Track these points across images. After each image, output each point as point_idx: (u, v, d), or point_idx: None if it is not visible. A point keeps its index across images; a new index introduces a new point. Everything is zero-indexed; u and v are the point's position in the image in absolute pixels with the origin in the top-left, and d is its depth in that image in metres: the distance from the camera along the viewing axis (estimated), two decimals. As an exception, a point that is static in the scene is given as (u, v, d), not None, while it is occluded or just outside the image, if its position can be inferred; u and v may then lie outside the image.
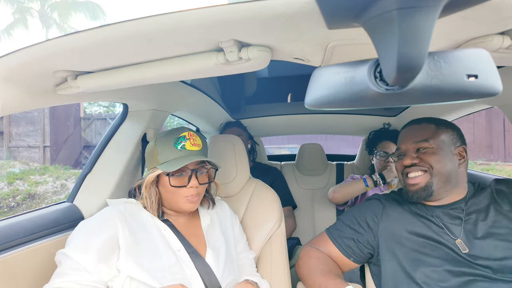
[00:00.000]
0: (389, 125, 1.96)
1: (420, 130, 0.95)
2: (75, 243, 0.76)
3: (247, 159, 1.24)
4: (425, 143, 0.92)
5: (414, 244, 0.88)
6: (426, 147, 0.92)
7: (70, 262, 0.74)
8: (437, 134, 0.92)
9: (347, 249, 0.98)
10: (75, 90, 0.73)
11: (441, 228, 0.89)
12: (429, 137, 0.92)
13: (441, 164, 0.90)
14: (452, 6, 0.32)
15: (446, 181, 0.90)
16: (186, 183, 0.87)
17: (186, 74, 0.68)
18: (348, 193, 1.69)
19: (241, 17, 0.47)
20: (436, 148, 0.91)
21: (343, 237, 1.00)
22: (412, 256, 0.87)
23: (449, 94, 0.35)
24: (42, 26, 13.88)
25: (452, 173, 0.90)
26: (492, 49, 0.54)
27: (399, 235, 0.92)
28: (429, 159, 0.91)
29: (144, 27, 0.50)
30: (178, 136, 0.88)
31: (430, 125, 0.95)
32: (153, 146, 0.89)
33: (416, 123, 0.98)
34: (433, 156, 0.91)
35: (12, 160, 8.49)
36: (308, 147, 2.21)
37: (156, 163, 0.87)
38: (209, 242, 0.93)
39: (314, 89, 0.40)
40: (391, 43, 0.31)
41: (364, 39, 0.52)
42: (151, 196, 0.88)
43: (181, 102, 1.42)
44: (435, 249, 0.86)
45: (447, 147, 0.91)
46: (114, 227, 0.80)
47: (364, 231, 0.98)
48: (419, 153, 0.93)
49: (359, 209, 1.04)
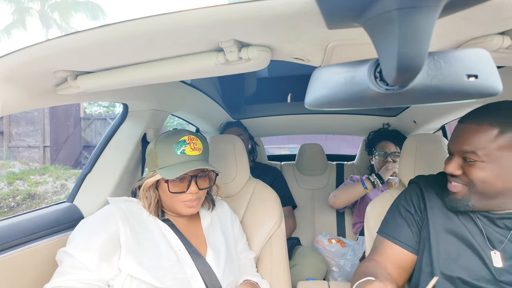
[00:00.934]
0: (389, 125, 1.97)
1: (475, 135, 0.73)
2: (77, 241, 0.76)
3: (247, 159, 1.24)
4: (472, 155, 0.73)
5: (448, 244, 0.80)
6: (473, 160, 0.73)
7: (71, 260, 0.73)
8: (495, 144, 0.70)
9: (406, 241, 0.88)
10: (75, 90, 0.73)
11: (480, 232, 0.77)
12: (481, 148, 0.72)
13: (486, 185, 0.73)
14: (452, 6, 0.32)
15: (489, 198, 0.75)
16: (185, 188, 0.85)
17: (186, 74, 0.68)
18: (348, 197, 1.70)
19: (241, 17, 0.46)
20: (486, 163, 0.72)
21: (400, 231, 0.89)
22: (443, 256, 0.80)
23: (449, 94, 0.35)
24: (42, 26, 13.88)
25: (505, 192, 0.73)
26: (492, 49, 0.54)
27: (436, 230, 0.83)
28: (472, 174, 0.74)
29: (144, 27, 0.50)
30: (178, 140, 0.85)
31: (493, 129, 0.71)
32: (153, 148, 0.87)
33: (475, 122, 0.74)
34: (479, 172, 0.73)
35: (12, 160, 8.49)
36: (308, 147, 2.21)
37: (156, 167, 0.86)
38: (209, 242, 0.93)
39: (314, 89, 0.40)
40: (391, 43, 0.31)
41: (364, 39, 0.52)
42: (150, 199, 0.88)
43: (181, 102, 1.42)
44: (466, 254, 0.77)
45: (508, 159, 0.70)
46: (115, 225, 0.79)
47: (412, 216, 0.89)
48: (465, 163, 0.76)
49: (399, 200, 0.94)
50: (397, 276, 0.88)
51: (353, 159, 2.35)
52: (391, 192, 1.11)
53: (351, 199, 1.70)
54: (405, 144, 1.20)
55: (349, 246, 1.65)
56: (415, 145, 1.16)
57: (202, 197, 0.91)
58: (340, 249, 1.64)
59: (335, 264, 1.62)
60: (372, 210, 1.10)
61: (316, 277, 1.53)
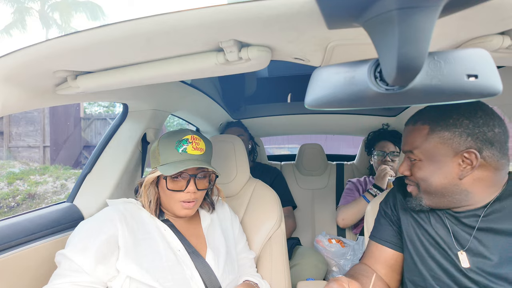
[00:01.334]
0: (388, 125, 1.97)
1: (411, 135, 0.78)
2: (74, 244, 0.76)
3: (247, 159, 1.24)
4: (411, 155, 0.78)
5: (417, 245, 0.82)
6: (413, 159, 0.77)
7: (69, 263, 0.74)
8: (428, 141, 0.73)
9: (389, 239, 0.89)
10: (75, 90, 0.73)
11: (448, 232, 0.78)
12: (416, 147, 0.76)
13: (426, 183, 0.76)
14: (452, 6, 0.32)
15: (437, 196, 0.76)
16: (184, 187, 0.85)
17: (186, 74, 0.68)
18: (355, 215, 1.69)
19: (241, 17, 0.46)
20: (423, 162, 0.75)
21: (382, 230, 0.91)
22: (420, 252, 0.81)
23: (449, 94, 0.35)
24: (42, 26, 13.89)
25: (449, 187, 0.73)
26: (492, 49, 0.54)
27: (408, 232, 0.85)
28: (415, 174, 0.78)
29: (143, 27, 0.50)
30: (181, 139, 0.86)
31: (424, 127, 0.75)
32: (156, 145, 0.88)
33: (412, 122, 0.79)
34: (419, 171, 0.77)
35: (12, 160, 8.49)
36: (308, 147, 2.21)
37: (157, 164, 0.86)
38: (209, 242, 0.93)
39: (314, 89, 0.40)
40: (391, 43, 0.31)
41: (364, 39, 0.52)
42: (149, 196, 0.88)
43: (181, 102, 1.42)
44: (435, 256, 0.79)
45: (442, 156, 0.72)
46: (114, 227, 0.79)
47: (390, 217, 0.91)
48: (411, 162, 0.80)
49: (381, 203, 0.97)
50: (388, 278, 0.89)
51: (353, 159, 2.35)
52: (391, 192, 1.11)
53: (358, 216, 1.69)
54: (405, 144, 1.20)
55: (349, 246, 1.65)
56: None
57: (199, 198, 0.90)
58: (340, 249, 1.64)
59: (335, 264, 1.63)
60: (371, 210, 1.10)
61: (316, 277, 1.53)
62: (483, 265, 0.72)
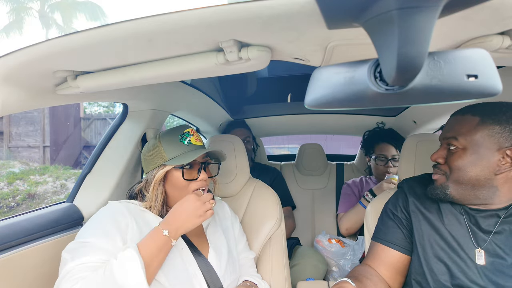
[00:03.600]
0: (383, 124, 1.95)
1: (458, 123, 0.79)
2: (90, 230, 0.77)
3: (247, 159, 1.24)
4: (454, 141, 0.78)
5: (432, 245, 0.82)
6: (455, 146, 0.78)
7: (89, 246, 0.73)
8: (475, 131, 0.74)
9: (396, 242, 0.88)
10: (75, 90, 0.73)
11: (465, 231, 0.78)
12: (461, 134, 0.76)
13: (461, 172, 0.76)
14: (452, 6, 0.32)
15: (466, 188, 0.77)
16: (196, 176, 0.89)
17: (186, 74, 0.68)
18: (358, 223, 1.67)
19: (241, 17, 0.46)
20: (465, 151, 0.76)
21: (390, 233, 0.90)
22: (430, 259, 0.81)
23: (449, 94, 0.35)
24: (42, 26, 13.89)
25: (482, 180, 0.74)
26: (492, 49, 0.54)
27: (420, 232, 0.84)
28: (452, 162, 0.78)
29: (144, 27, 0.50)
30: (183, 132, 0.90)
31: (474, 118, 0.76)
32: (157, 144, 0.89)
33: (460, 113, 0.80)
34: (458, 159, 0.77)
35: (12, 160, 8.49)
36: (308, 147, 2.21)
37: (163, 160, 0.87)
38: (211, 242, 0.93)
39: (314, 89, 0.40)
40: (391, 43, 0.31)
41: (364, 39, 0.52)
42: (157, 195, 0.88)
43: (181, 102, 1.42)
44: (451, 255, 0.78)
45: (485, 148, 0.73)
46: (124, 217, 0.81)
47: (400, 219, 0.90)
48: (448, 152, 0.80)
49: (387, 205, 0.96)
50: (392, 280, 0.88)
51: (353, 159, 2.35)
52: (390, 192, 1.11)
53: (361, 223, 1.66)
54: (405, 144, 1.20)
55: (349, 246, 1.65)
56: (415, 145, 1.16)
57: (207, 187, 0.94)
58: (340, 249, 1.64)
59: (335, 264, 1.62)
60: (372, 210, 1.10)
61: (316, 277, 1.53)
62: (498, 264, 0.73)
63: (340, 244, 1.68)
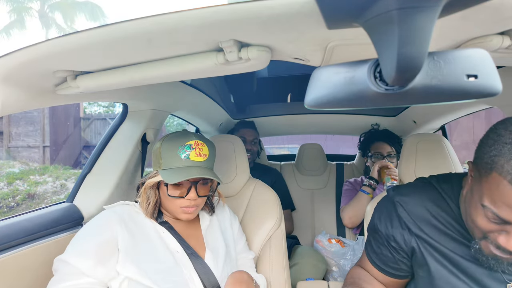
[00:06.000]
0: (378, 125, 1.97)
1: None
2: (72, 248, 0.77)
3: (247, 159, 1.24)
4: None
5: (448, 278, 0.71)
6: None
7: (68, 267, 0.73)
8: None
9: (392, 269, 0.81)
10: (74, 90, 0.73)
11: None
12: None
13: None
14: (452, 6, 0.32)
15: None
16: (185, 194, 0.84)
17: (186, 74, 0.68)
18: (361, 210, 1.64)
19: (241, 17, 0.46)
20: None
21: (381, 259, 0.82)
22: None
23: (449, 94, 0.35)
24: (42, 26, 13.89)
25: None
26: (492, 49, 0.54)
27: (434, 263, 0.72)
28: None
29: (143, 27, 0.50)
30: (184, 144, 0.83)
31: None
32: (159, 148, 0.86)
33: None
34: None
35: (12, 160, 8.49)
36: (308, 147, 2.21)
37: (159, 167, 0.85)
38: (207, 243, 0.93)
39: (314, 89, 0.40)
40: (391, 43, 0.31)
41: (364, 39, 0.52)
42: (149, 199, 0.87)
43: (181, 102, 1.42)
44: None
45: None
46: (112, 230, 0.79)
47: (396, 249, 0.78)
48: None
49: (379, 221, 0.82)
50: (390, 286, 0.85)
51: (353, 159, 2.35)
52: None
53: (363, 210, 1.64)
54: (405, 144, 1.20)
55: (349, 246, 1.65)
56: (415, 145, 1.16)
57: (200, 204, 0.89)
58: (340, 249, 1.64)
59: (335, 264, 1.62)
60: (372, 210, 1.10)
61: (315, 277, 1.53)
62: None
63: (340, 244, 1.68)
